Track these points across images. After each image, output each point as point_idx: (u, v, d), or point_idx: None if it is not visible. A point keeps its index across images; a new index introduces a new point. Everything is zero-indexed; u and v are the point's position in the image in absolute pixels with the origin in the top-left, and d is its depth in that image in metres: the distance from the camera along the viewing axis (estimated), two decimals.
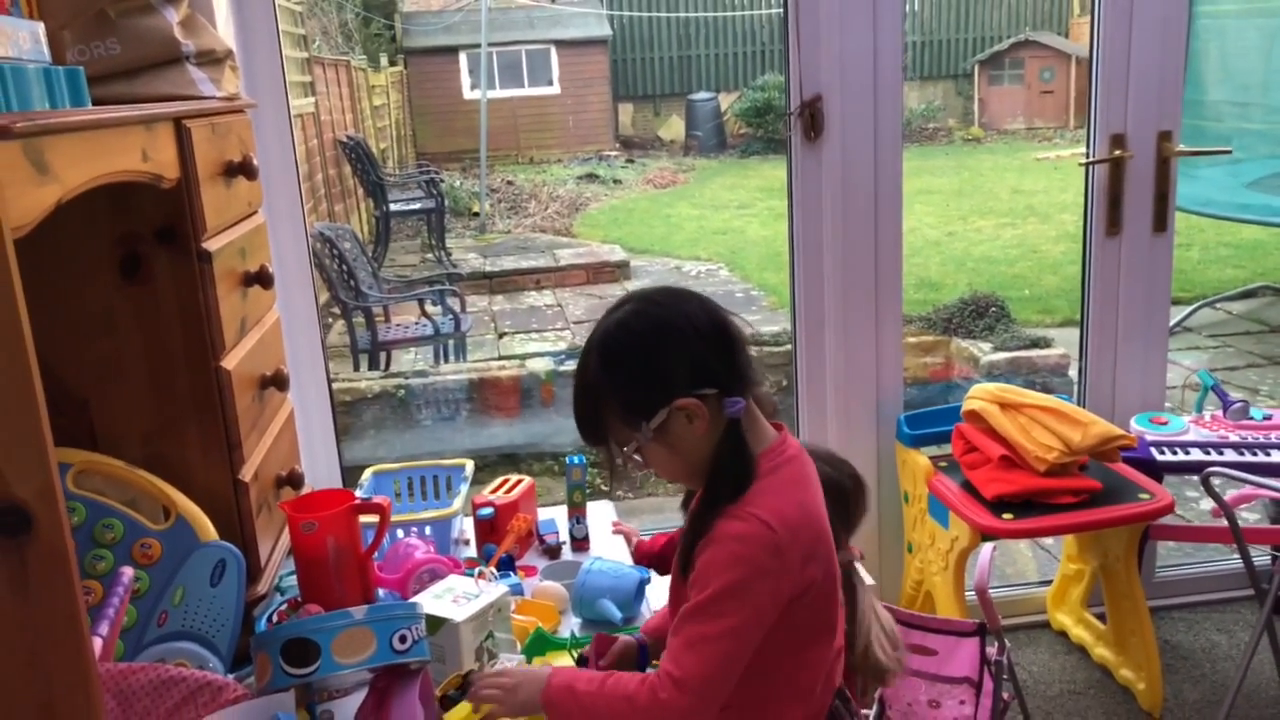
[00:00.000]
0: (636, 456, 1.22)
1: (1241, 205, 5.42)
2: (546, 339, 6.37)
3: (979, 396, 2.15)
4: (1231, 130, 5.51)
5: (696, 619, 1.14)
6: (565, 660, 1.42)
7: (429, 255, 8.61)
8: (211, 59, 1.59)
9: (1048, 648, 2.42)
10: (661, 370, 1.17)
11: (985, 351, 4.35)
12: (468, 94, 13.75)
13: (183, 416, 1.48)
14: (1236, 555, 2.00)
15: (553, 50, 14.44)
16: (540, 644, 1.49)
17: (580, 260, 8.25)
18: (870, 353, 2.33)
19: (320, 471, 2.24)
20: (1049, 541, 2.86)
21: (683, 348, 1.18)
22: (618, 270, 8.01)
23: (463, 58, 13.92)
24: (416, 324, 5.35)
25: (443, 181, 9.14)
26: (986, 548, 1.74)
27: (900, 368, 2.39)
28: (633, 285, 7.74)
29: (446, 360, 5.37)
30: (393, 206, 8.26)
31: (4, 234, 0.88)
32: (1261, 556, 2.30)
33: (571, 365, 4.56)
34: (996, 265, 7.43)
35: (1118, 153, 2.28)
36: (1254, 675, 2.19)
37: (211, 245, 1.45)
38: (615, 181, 12.18)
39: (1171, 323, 5.54)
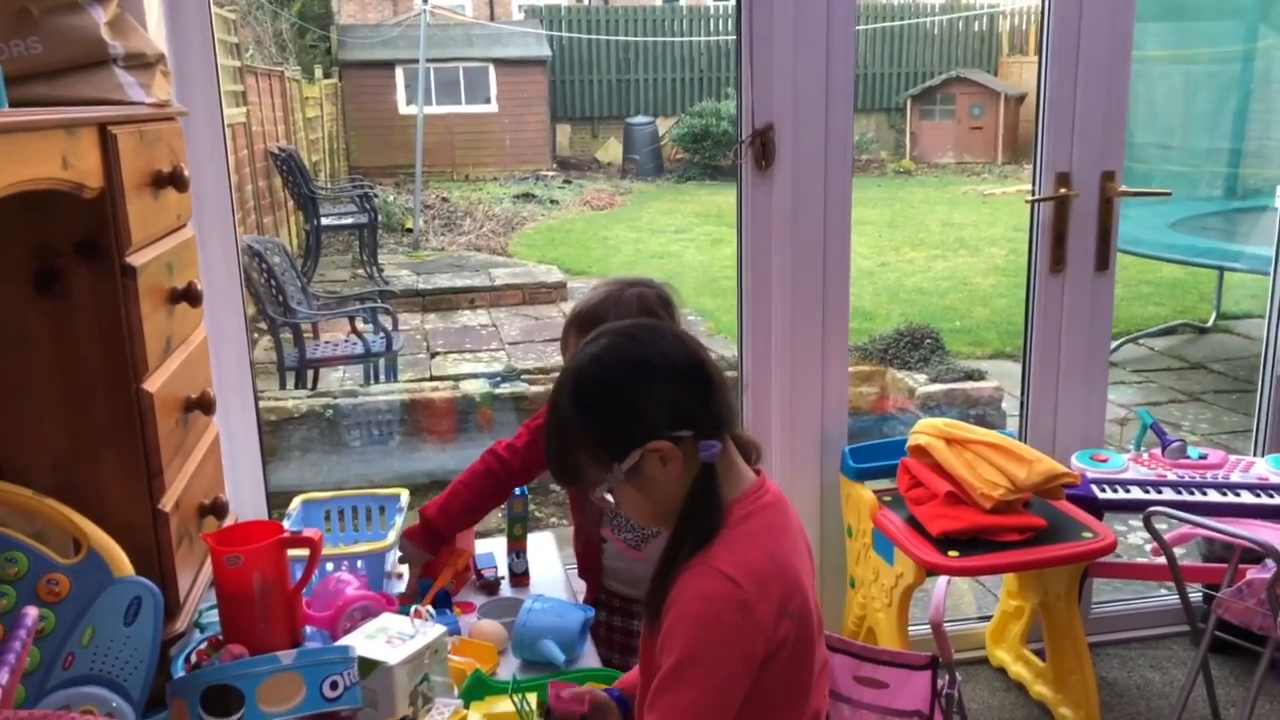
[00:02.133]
0: (608, 497, 1.16)
1: (1167, 245, 5.58)
2: (481, 359, 6.27)
3: (925, 431, 2.13)
4: (1156, 172, 5.69)
5: (669, 690, 1.08)
6: (506, 705, 1.35)
7: (360, 271, 8.46)
8: (141, 63, 1.50)
9: (986, 684, 2.41)
10: (636, 411, 1.12)
11: (920, 383, 4.39)
12: (403, 109, 13.61)
13: (99, 441, 1.38)
14: (1167, 591, 2.01)
15: (491, 68, 14.38)
16: (479, 688, 1.41)
17: (516, 280, 8.17)
18: (817, 384, 2.31)
19: (245, 498, 2.13)
20: (988, 578, 2.87)
21: (658, 388, 1.13)
22: (554, 291, 7.95)
23: (399, 72, 13.78)
24: (346, 341, 5.22)
25: (376, 196, 8.99)
26: (941, 581, 1.72)
27: (845, 401, 2.37)
28: (568, 307, 7.69)
29: (377, 380, 5.24)
30: (324, 221, 8.10)
31: None
32: (1194, 594, 2.32)
33: (508, 388, 4.49)
34: (928, 296, 7.54)
35: (1063, 191, 2.30)
36: (1189, 714, 2.20)
37: (136, 260, 1.36)
38: (552, 202, 12.13)
39: None
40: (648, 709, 1.11)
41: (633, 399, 1.13)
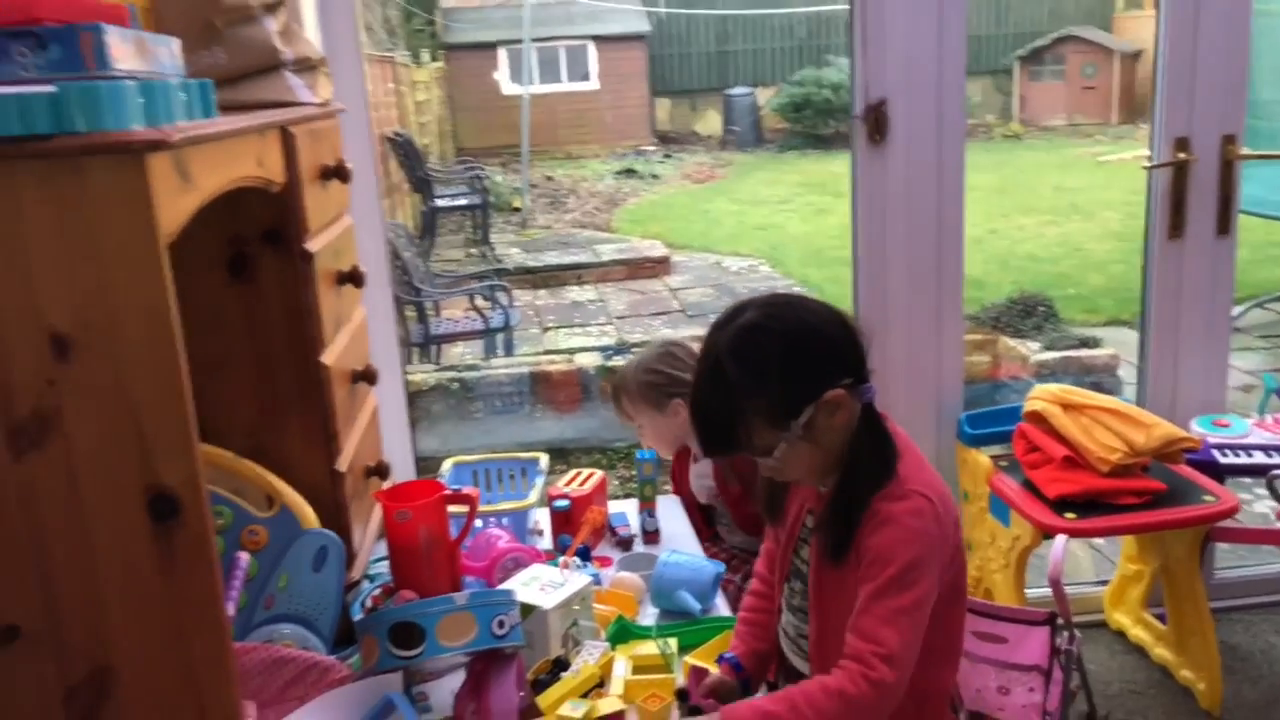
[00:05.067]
0: (776, 459, 1.24)
1: None
2: (590, 334, 6.43)
3: (1041, 397, 2.17)
4: None
5: (887, 595, 1.19)
6: (650, 648, 1.47)
7: (473, 250, 8.71)
8: (307, 66, 1.66)
9: (1106, 647, 2.44)
10: (807, 367, 1.22)
11: (1034, 350, 4.36)
12: (506, 89, 13.85)
13: (285, 409, 1.55)
14: None
15: (591, 46, 14.50)
16: (624, 633, 1.54)
17: (621, 256, 8.30)
18: (933, 353, 2.37)
19: (396, 461, 2.29)
20: (1101, 542, 2.88)
21: (821, 343, 1.23)
22: (658, 266, 8.05)
23: (501, 53, 14.02)
24: (466, 317, 5.43)
25: (487, 178, 9.22)
26: (1059, 541, 1.77)
27: (961, 368, 2.42)
28: (673, 281, 7.79)
29: (495, 354, 5.45)
30: (439, 202, 8.36)
31: (158, 242, 0.94)
32: None
33: (619, 360, 4.62)
34: (1041, 264, 7.39)
35: (1181, 156, 2.29)
36: None
37: (312, 246, 1.52)
38: (653, 176, 12.23)
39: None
40: (860, 613, 1.20)
41: (800, 358, 1.22)
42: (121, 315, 0.94)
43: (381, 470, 1.82)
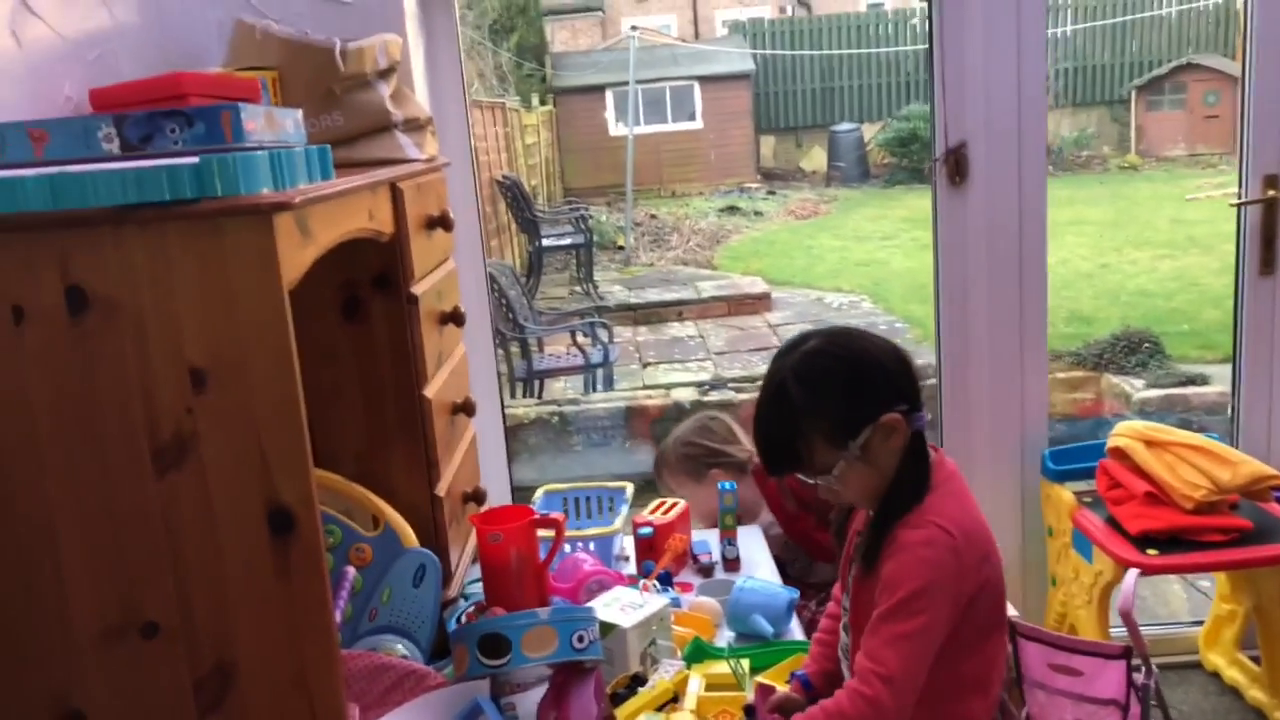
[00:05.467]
0: (834, 479, 1.32)
1: None
2: (689, 369, 6.54)
3: (1124, 434, 2.18)
4: None
5: (892, 620, 1.26)
6: (723, 668, 1.55)
7: (577, 288, 8.94)
8: (415, 125, 1.82)
9: (1200, 688, 2.40)
10: (865, 392, 1.30)
11: (1137, 388, 4.28)
12: (613, 130, 14.18)
13: (390, 438, 1.69)
14: None
15: (696, 86, 14.74)
16: (699, 653, 1.62)
17: (721, 292, 8.41)
18: (1016, 389, 2.39)
19: (493, 489, 2.44)
20: (1205, 584, 2.83)
21: (879, 370, 1.32)
22: (759, 302, 8.14)
23: (609, 95, 14.37)
24: (568, 354, 5.61)
25: (591, 217, 9.47)
26: (1131, 574, 1.79)
27: (1045, 404, 2.44)
28: (773, 317, 7.85)
29: (595, 389, 5.61)
30: (544, 242, 8.63)
31: (282, 290, 1.09)
32: None
33: (715, 395, 4.71)
34: (1153, 299, 7.21)
35: (1271, 193, 2.28)
36: None
37: (418, 289, 1.67)
38: (756, 213, 12.33)
39: None
40: (868, 635, 1.28)
41: (860, 382, 1.31)
42: (250, 353, 1.09)
43: (478, 496, 1.95)
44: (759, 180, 14.45)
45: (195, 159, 1.03)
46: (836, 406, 1.31)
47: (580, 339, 5.68)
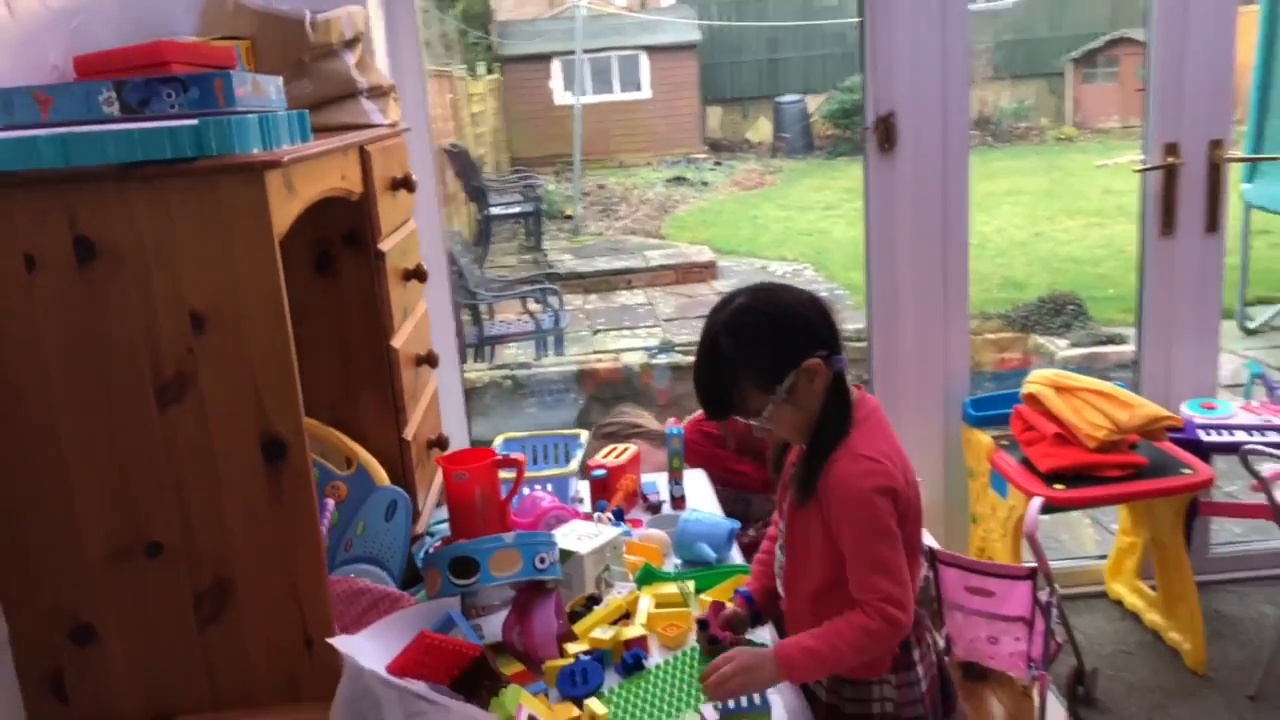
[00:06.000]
0: (765, 419, 1.47)
1: None
2: (638, 335, 6.69)
3: (1036, 381, 2.38)
4: None
5: (867, 549, 1.40)
6: (670, 588, 1.72)
7: (525, 256, 9.03)
8: (379, 92, 1.93)
9: (1105, 614, 2.63)
10: (790, 341, 1.44)
11: (1061, 348, 4.52)
12: (560, 99, 14.20)
13: (360, 386, 1.82)
14: None
15: (643, 56, 14.79)
16: (649, 576, 1.79)
17: (670, 261, 8.56)
18: (940, 344, 2.58)
19: (454, 440, 2.57)
20: (1115, 527, 3.06)
21: (800, 321, 1.46)
22: (705, 271, 8.30)
23: (555, 65, 14.36)
24: (519, 320, 5.73)
25: (540, 187, 9.55)
26: (1035, 502, 1.98)
27: (966, 357, 2.63)
28: (720, 285, 8.02)
29: (546, 354, 5.74)
30: (493, 210, 8.70)
31: (273, 239, 1.21)
32: None
33: (664, 359, 4.87)
34: (1082, 265, 7.50)
35: (1171, 160, 2.48)
36: None
37: (384, 246, 1.79)
38: (703, 184, 12.47)
39: (1257, 321, 5.60)
40: (853, 570, 1.42)
41: (784, 332, 1.45)
42: (245, 297, 1.22)
43: (441, 443, 2.09)
44: (706, 151, 14.57)
45: (194, 121, 1.15)
46: (763, 356, 1.45)
47: (531, 305, 5.80)
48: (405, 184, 1.94)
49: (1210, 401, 2.49)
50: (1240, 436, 2.34)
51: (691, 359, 1.58)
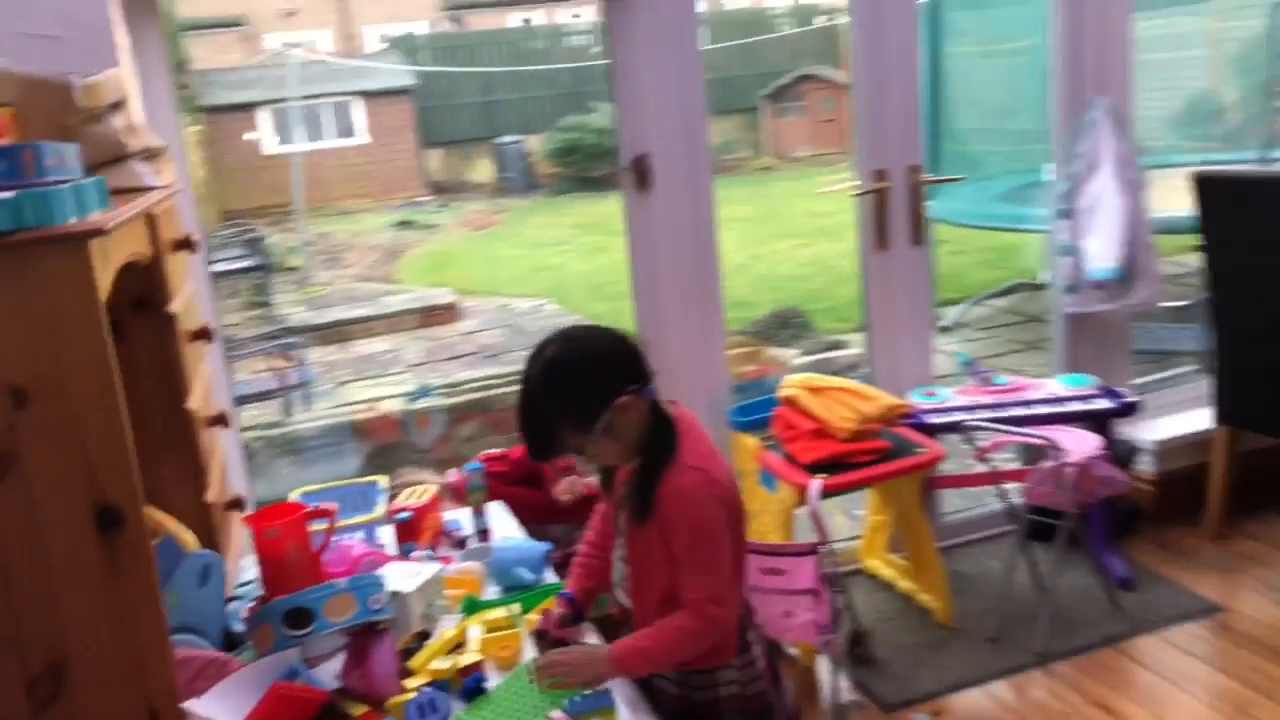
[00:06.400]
0: (588, 454, 1.60)
1: (993, 215, 6.32)
2: (386, 384, 6.60)
3: (791, 384, 2.66)
4: (980, 152, 6.41)
5: (696, 551, 1.54)
6: (498, 613, 1.80)
7: (253, 312, 8.64)
8: (151, 155, 1.90)
9: (864, 588, 2.95)
10: (599, 385, 1.55)
11: (793, 356, 4.97)
12: (269, 148, 13.71)
13: (159, 452, 1.77)
14: (1002, 498, 2.58)
15: (355, 102, 14.58)
16: (473, 605, 1.86)
17: (410, 305, 8.49)
18: (703, 360, 2.81)
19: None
20: (859, 512, 3.42)
21: (607, 363, 1.58)
22: (448, 312, 8.30)
23: (261, 113, 13.87)
24: (262, 378, 5.52)
25: (262, 240, 9.18)
26: (815, 482, 2.25)
27: (725, 369, 2.89)
28: (465, 325, 8.07)
29: (293, 412, 5.55)
30: (216, 267, 8.26)
31: (100, 308, 1.21)
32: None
33: (425, 402, 4.87)
34: (796, 282, 8.21)
35: (881, 184, 2.86)
36: (1019, 588, 2.78)
37: (174, 308, 1.77)
38: (431, 226, 12.44)
39: (949, 319, 6.39)
40: (680, 570, 1.55)
41: (592, 378, 1.56)
42: (72, 368, 1.20)
43: (238, 503, 2.06)
44: (429, 193, 14.55)
45: (11, 194, 1.13)
46: (574, 402, 1.56)
47: (274, 362, 5.60)
48: (187, 244, 1.92)
49: (931, 389, 2.88)
50: (958, 416, 2.73)
51: (453, 400, 1.66)
